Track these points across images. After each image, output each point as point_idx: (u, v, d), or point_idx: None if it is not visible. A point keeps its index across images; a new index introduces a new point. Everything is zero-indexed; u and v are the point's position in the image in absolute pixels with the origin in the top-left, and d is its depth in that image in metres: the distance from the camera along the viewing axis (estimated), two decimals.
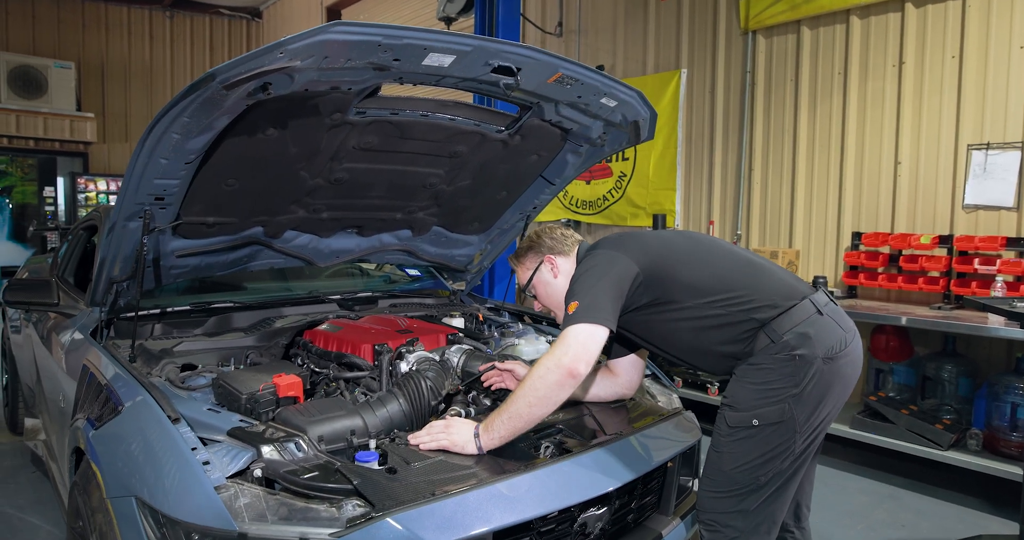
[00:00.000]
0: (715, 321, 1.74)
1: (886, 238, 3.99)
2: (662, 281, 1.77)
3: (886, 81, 4.12)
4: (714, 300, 1.73)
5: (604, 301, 1.68)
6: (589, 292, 1.69)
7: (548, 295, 2.00)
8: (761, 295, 1.73)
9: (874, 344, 4.04)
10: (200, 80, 1.52)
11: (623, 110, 2.28)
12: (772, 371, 1.66)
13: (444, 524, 1.43)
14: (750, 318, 1.71)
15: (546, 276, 1.98)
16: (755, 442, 1.67)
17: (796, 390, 1.64)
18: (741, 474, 1.68)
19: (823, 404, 1.68)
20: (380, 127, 2.11)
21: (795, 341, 1.66)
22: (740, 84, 4.89)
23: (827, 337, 1.69)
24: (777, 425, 1.65)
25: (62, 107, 9.49)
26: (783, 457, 1.67)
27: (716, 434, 1.75)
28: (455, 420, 1.78)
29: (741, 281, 1.76)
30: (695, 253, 1.84)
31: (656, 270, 1.77)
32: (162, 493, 1.48)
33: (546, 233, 2.01)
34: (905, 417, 3.54)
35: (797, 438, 1.66)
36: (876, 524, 3.12)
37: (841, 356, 1.70)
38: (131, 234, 2.05)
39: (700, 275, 1.77)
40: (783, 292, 1.75)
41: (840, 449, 4.02)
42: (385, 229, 2.81)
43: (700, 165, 5.21)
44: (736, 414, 1.69)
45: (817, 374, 1.65)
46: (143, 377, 1.85)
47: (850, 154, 4.30)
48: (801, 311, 1.70)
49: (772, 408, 1.65)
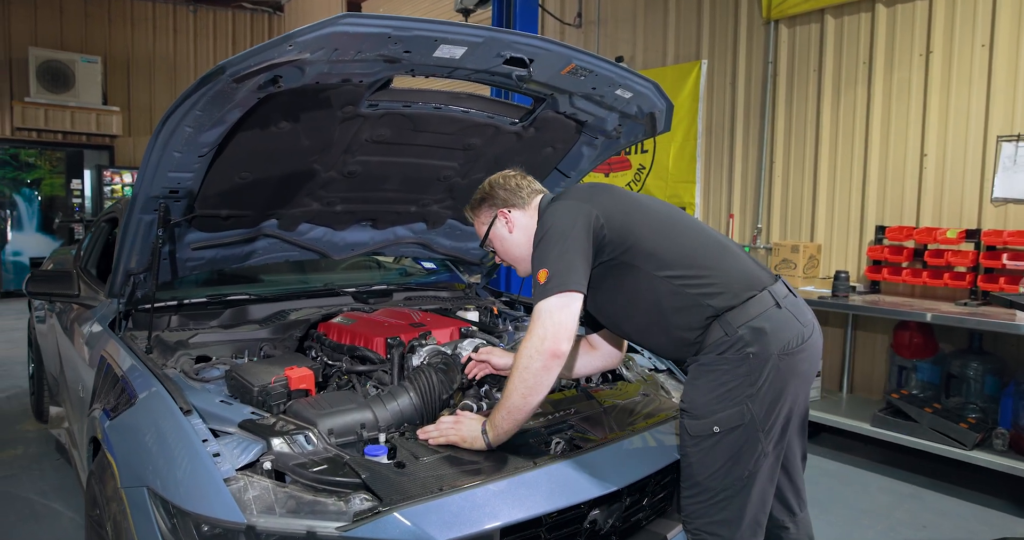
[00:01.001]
0: (672, 300, 1.64)
1: (911, 232, 3.90)
2: (624, 239, 1.65)
3: (912, 71, 4.02)
4: (673, 276, 1.64)
5: (573, 262, 1.58)
6: (557, 256, 1.59)
7: (505, 250, 1.88)
8: (721, 280, 1.64)
9: (897, 340, 3.96)
10: (210, 73, 1.52)
11: (639, 101, 2.24)
12: (726, 372, 1.59)
13: (452, 520, 1.42)
14: (706, 304, 1.61)
15: (501, 231, 1.85)
16: (721, 448, 1.59)
17: (752, 390, 1.57)
18: (715, 481, 1.62)
19: (782, 400, 1.60)
20: (393, 120, 2.10)
21: (749, 336, 1.58)
22: (762, 75, 4.80)
23: (783, 332, 1.61)
24: (738, 428, 1.58)
25: (89, 101, 9.66)
26: (753, 458, 1.60)
27: (681, 442, 1.68)
28: (465, 415, 1.77)
29: (704, 260, 1.66)
30: (665, 220, 1.73)
31: (619, 225, 1.65)
32: (173, 484, 1.49)
33: (499, 184, 1.86)
34: (928, 415, 3.46)
35: (761, 437, 1.59)
36: (896, 524, 3.06)
37: (798, 351, 1.62)
38: (147, 227, 2.07)
39: (664, 244, 1.67)
40: (744, 280, 1.65)
41: (861, 447, 3.96)
42: (399, 222, 2.81)
43: (720, 157, 5.13)
44: (695, 422, 1.61)
45: (772, 371, 1.57)
46: (157, 369, 1.87)
47: (874, 146, 4.20)
48: (758, 304, 1.62)
49: (730, 411, 1.58)
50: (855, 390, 4.39)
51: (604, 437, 1.84)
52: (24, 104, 9.34)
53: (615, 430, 1.90)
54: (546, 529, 1.60)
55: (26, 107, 9.34)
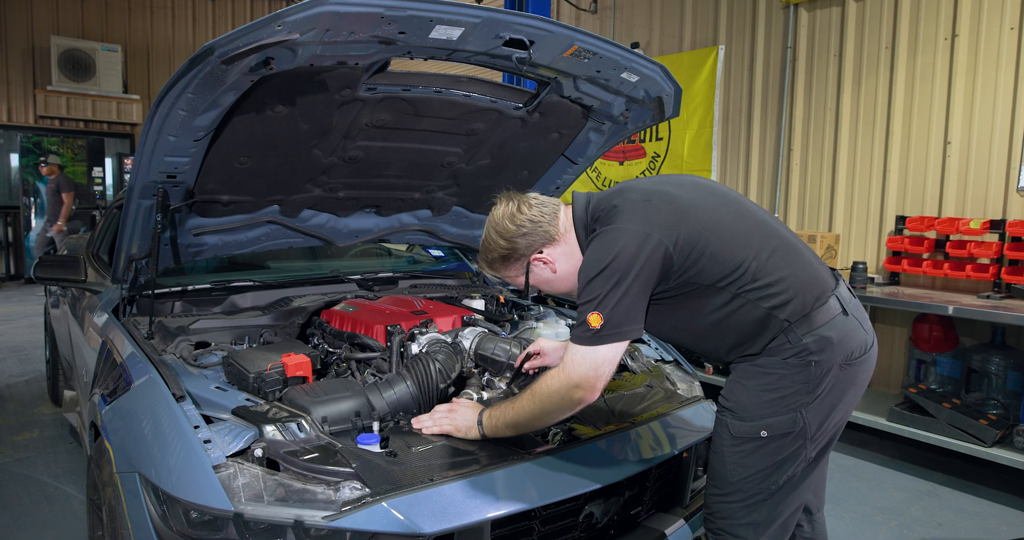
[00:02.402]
0: (738, 315, 1.50)
1: (932, 222, 3.79)
2: (692, 262, 1.48)
3: (937, 55, 3.88)
4: (743, 290, 1.49)
5: (633, 306, 1.43)
6: (615, 299, 1.40)
7: (554, 289, 1.69)
8: (791, 288, 1.49)
9: (916, 334, 3.86)
10: (199, 54, 1.49)
11: (645, 85, 2.18)
12: (783, 378, 1.48)
13: (441, 511, 1.40)
14: (776, 316, 1.48)
15: (544, 274, 1.63)
16: (763, 453, 1.51)
17: (808, 398, 1.48)
18: (750, 485, 1.54)
19: (836, 410, 1.53)
20: (393, 104, 2.06)
21: (815, 345, 1.47)
22: (780, 60, 4.68)
23: (849, 342, 1.51)
24: (788, 436, 1.49)
25: (109, 89, 9.75)
26: (794, 465, 1.52)
27: (718, 440, 1.58)
28: (460, 403, 1.74)
29: (774, 267, 1.50)
30: (732, 224, 1.54)
31: (686, 247, 1.47)
32: (163, 470, 1.48)
33: (511, 233, 1.58)
34: (947, 411, 3.37)
35: (808, 445, 1.51)
36: (911, 521, 2.99)
37: (860, 361, 1.53)
38: (146, 212, 2.06)
39: (734, 255, 1.49)
40: (813, 287, 1.52)
41: (876, 442, 3.88)
42: (404, 209, 2.78)
43: (737, 145, 5.03)
44: (741, 423, 1.52)
45: (832, 381, 1.49)
46: (154, 354, 1.87)
47: (896, 133, 4.08)
48: (826, 312, 1.50)
49: (783, 418, 1.48)
50: (872, 384, 4.29)
51: (604, 429, 1.80)
52: (46, 92, 9.45)
53: (616, 422, 1.86)
54: (540, 522, 1.57)
55: (48, 95, 9.46)
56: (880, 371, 4.26)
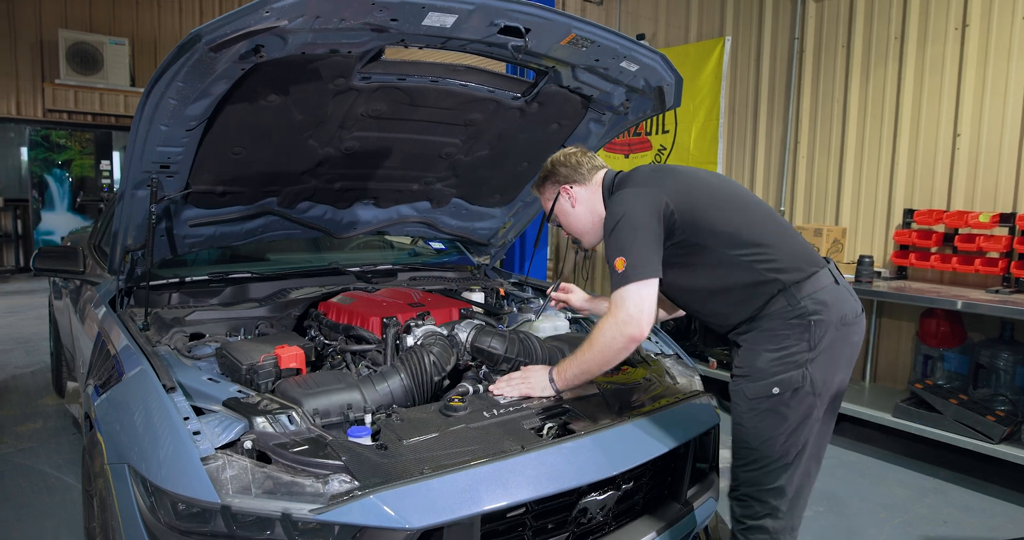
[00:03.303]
0: (740, 276, 1.70)
1: (941, 216, 3.73)
2: (693, 221, 1.71)
3: (947, 45, 3.81)
4: (742, 253, 1.70)
5: (648, 251, 1.67)
6: (632, 243, 1.66)
7: (569, 224, 1.99)
8: (787, 256, 1.71)
9: (923, 328, 3.81)
10: (186, 42, 1.47)
11: (645, 74, 2.14)
12: (788, 337, 1.65)
13: (430, 505, 1.38)
14: (775, 278, 1.68)
15: (565, 206, 1.95)
16: (778, 413, 1.65)
17: (812, 354, 1.64)
18: (770, 448, 1.66)
19: (836, 367, 1.69)
20: (388, 93, 2.04)
21: (813, 307, 1.66)
22: (787, 52, 4.62)
23: (842, 306, 1.70)
24: (797, 391, 1.63)
25: (117, 83, 9.76)
26: (808, 424, 1.66)
27: (736, 409, 1.73)
28: (531, 368, 1.90)
29: (769, 237, 1.73)
30: (729, 199, 1.78)
31: (688, 208, 1.71)
32: (151, 462, 1.47)
33: (560, 162, 1.95)
34: (953, 407, 3.33)
35: (817, 402, 1.66)
36: (915, 519, 2.95)
37: (853, 323, 1.73)
38: (140, 203, 2.05)
39: (731, 223, 1.72)
40: (806, 258, 1.74)
41: (882, 438, 3.84)
42: (403, 201, 2.76)
43: (743, 138, 4.97)
44: (754, 385, 1.67)
45: (830, 339, 1.66)
46: (146, 345, 1.85)
47: (905, 125, 4.02)
48: (821, 279, 1.71)
49: (791, 374, 1.63)
50: (878, 379, 4.25)
51: (600, 423, 1.78)
52: (55, 86, 9.48)
53: (612, 416, 1.84)
54: (532, 517, 1.54)
55: (56, 89, 9.48)
56: (886, 366, 4.21)
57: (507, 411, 1.75)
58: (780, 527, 1.71)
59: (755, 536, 1.72)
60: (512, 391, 1.83)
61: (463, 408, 1.72)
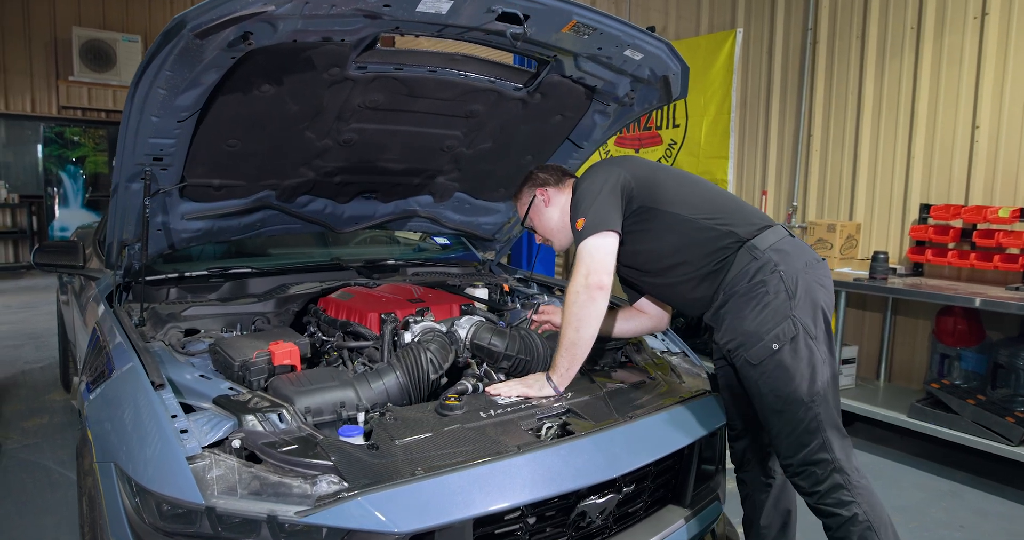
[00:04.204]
0: (698, 235, 1.81)
1: (959, 211, 3.62)
2: (650, 190, 1.84)
3: (966, 35, 3.70)
4: (698, 217, 1.82)
5: (606, 209, 1.78)
6: (591, 205, 1.78)
7: (543, 225, 2.06)
8: (740, 217, 1.83)
9: (940, 327, 3.72)
10: (170, 28, 1.42)
11: (650, 64, 2.08)
12: (765, 294, 1.72)
13: (420, 508, 1.33)
14: (731, 232, 1.79)
15: (539, 206, 2.04)
16: (786, 368, 1.68)
17: (793, 302, 1.70)
18: (796, 408, 1.68)
19: (817, 310, 1.73)
20: (385, 84, 1.99)
21: (776, 257, 1.74)
22: (800, 43, 4.52)
23: (802, 252, 1.80)
24: (795, 340, 1.68)
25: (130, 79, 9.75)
26: (819, 369, 1.69)
27: (749, 380, 1.75)
28: (529, 376, 1.88)
29: (723, 204, 1.87)
30: (683, 177, 1.95)
31: (644, 180, 1.86)
32: (137, 461, 1.43)
33: (539, 168, 2.11)
34: (971, 407, 3.23)
35: (815, 345, 1.70)
36: (931, 523, 2.87)
37: (818, 267, 1.80)
38: (134, 196, 2.01)
39: (686, 193, 1.87)
40: (758, 216, 1.87)
41: (896, 439, 3.74)
42: (405, 195, 2.71)
43: (755, 131, 4.88)
44: (753, 349, 1.71)
45: (804, 284, 1.72)
46: (138, 341, 1.82)
47: (921, 118, 3.91)
48: (776, 232, 1.81)
49: (782, 326, 1.68)
50: (893, 379, 4.15)
51: (600, 423, 1.72)
52: (68, 83, 9.55)
53: (614, 416, 1.78)
54: (527, 521, 1.49)
55: (70, 86, 9.55)
56: (901, 365, 4.12)
57: (504, 411, 1.70)
58: (847, 467, 1.72)
59: (833, 496, 1.70)
60: (510, 392, 1.79)
61: (459, 407, 1.67)
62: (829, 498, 1.72)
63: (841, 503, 1.71)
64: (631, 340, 2.29)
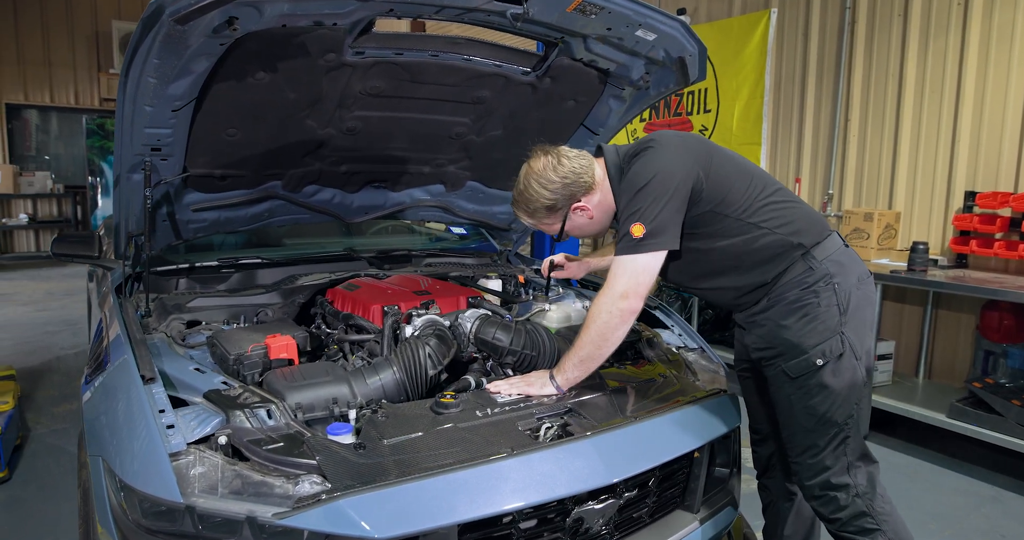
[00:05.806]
0: (761, 241, 1.65)
1: (1007, 199, 3.40)
2: (719, 190, 1.64)
3: (1018, 10, 3.45)
4: (762, 220, 1.65)
5: (671, 218, 1.57)
6: (658, 212, 1.55)
7: (583, 233, 1.84)
8: (800, 219, 1.68)
9: (985, 322, 3.51)
10: (148, 14, 1.38)
11: (665, 44, 1.97)
12: (817, 305, 1.61)
13: (402, 512, 1.27)
14: (795, 242, 1.65)
15: (580, 221, 1.76)
16: (826, 387, 1.60)
17: (843, 319, 1.61)
18: (827, 426, 1.61)
19: (864, 329, 1.66)
20: (385, 69, 1.93)
21: (833, 268, 1.64)
22: (838, 23, 4.30)
23: (856, 266, 1.71)
24: (840, 358, 1.60)
25: None
26: (857, 390, 1.62)
27: (781, 393, 1.68)
28: (532, 373, 1.79)
29: (783, 200, 1.70)
30: (743, 170, 1.71)
31: (715, 178, 1.63)
32: (123, 456, 1.41)
33: (555, 184, 1.67)
34: (1016, 408, 3.05)
35: (859, 365, 1.62)
36: (969, 531, 2.71)
37: (868, 282, 1.73)
38: (136, 187, 1.99)
39: (750, 191, 1.66)
40: (817, 221, 1.73)
41: (935, 440, 3.56)
42: (415, 184, 2.66)
43: (789, 116, 4.68)
44: (795, 362, 1.62)
45: (856, 300, 1.64)
46: (136, 333, 1.80)
47: (967, 100, 3.68)
48: (833, 242, 1.70)
49: (829, 342, 1.59)
50: (933, 376, 3.95)
51: (603, 424, 1.63)
52: (109, 75, 9.78)
53: (619, 416, 1.69)
54: (518, 529, 1.42)
55: (111, 78, 9.78)
56: (942, 362, 3.91)
57: (503, 410, 1.63)
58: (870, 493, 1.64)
59: (855, 524, 1.62)
60: (511, 389, 1.71)
61: (455, 406, 1.61)
62: (852, 526, 1.63)
63: (864, 531, 1.62)
64: (643, 335, 2.19)
